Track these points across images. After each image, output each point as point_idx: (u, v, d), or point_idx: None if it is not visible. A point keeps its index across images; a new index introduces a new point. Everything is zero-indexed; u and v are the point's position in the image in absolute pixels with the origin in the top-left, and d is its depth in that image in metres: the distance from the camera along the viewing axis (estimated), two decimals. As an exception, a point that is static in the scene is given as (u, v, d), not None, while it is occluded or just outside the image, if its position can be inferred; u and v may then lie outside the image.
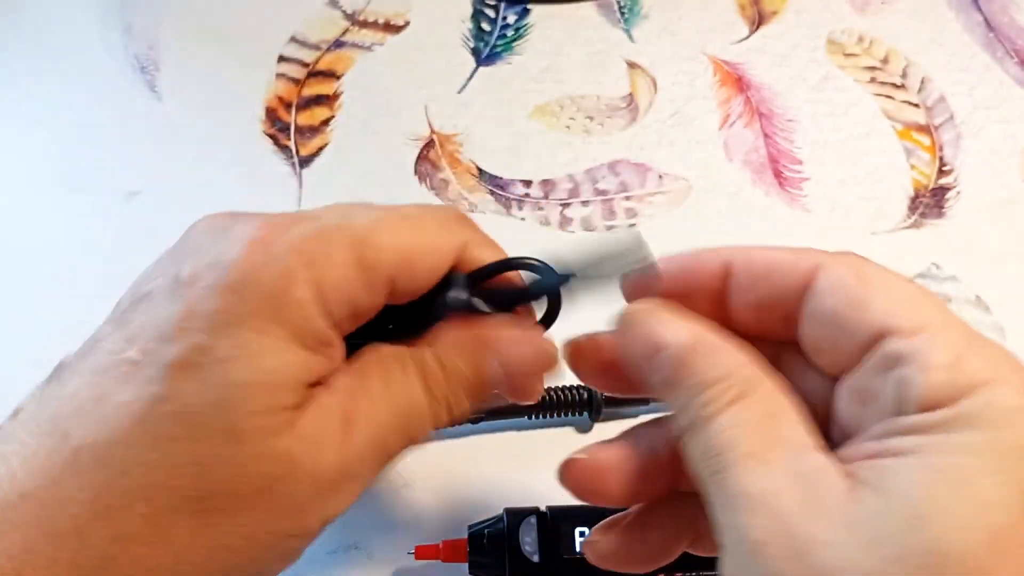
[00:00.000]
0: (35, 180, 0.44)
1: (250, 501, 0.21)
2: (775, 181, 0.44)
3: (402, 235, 0.23)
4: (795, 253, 0.22)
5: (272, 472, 0.21)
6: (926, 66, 0.48)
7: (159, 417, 0.20)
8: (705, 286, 0.23)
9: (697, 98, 0.47)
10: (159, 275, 0.23)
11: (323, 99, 0.47)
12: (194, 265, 0.21)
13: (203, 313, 0.20)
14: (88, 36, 0.49)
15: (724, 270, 0.22)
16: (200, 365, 0.20)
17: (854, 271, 0.21)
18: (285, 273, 0.21)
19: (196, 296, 0.21)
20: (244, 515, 0.21)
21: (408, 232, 0.23)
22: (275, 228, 0.22)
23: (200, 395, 0.20)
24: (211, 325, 0.20)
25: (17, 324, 0.39)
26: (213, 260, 0.21)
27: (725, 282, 0.22)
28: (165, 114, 0.46)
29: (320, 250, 0.21)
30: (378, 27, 0.50)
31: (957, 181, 0.44)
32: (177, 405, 0.20)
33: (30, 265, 0.41)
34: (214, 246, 0.22)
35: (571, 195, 0.43)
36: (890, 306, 0.20)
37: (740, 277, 0.22)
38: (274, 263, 0.21)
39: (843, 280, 0.21)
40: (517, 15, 0.50)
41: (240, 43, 0.49)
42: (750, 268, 0.22)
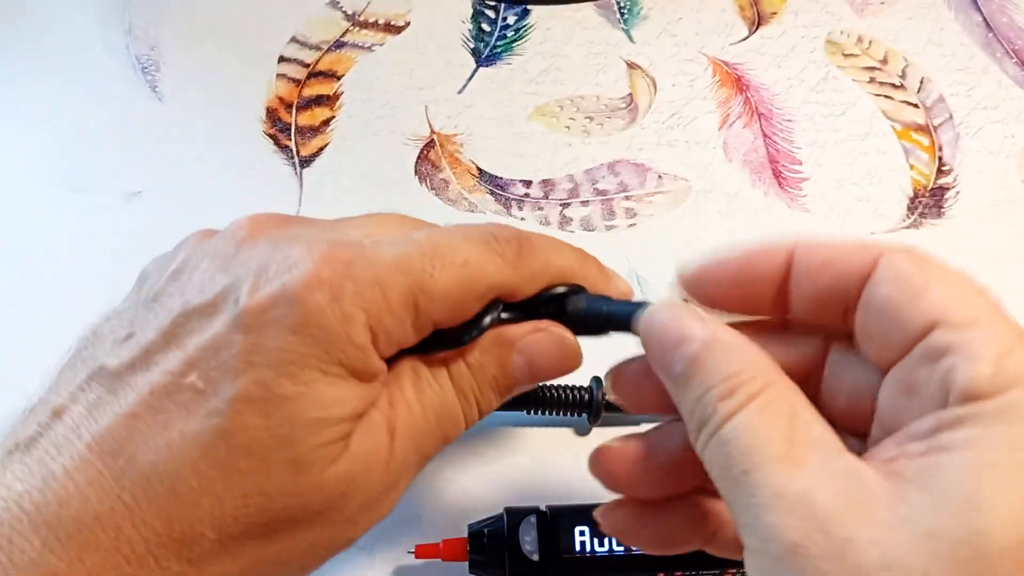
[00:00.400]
0: (35, 180, 0.44)
1: (311, 522, 0.22)
2: (774, 181, 0.44)
3: (457, 284, 0.23)
4: (857, 243, 0.22)
5: (330, 494, 0.22)
6: (925, 66, 0.48)
7: (227, 450, 0.21)
8: (767, 276, 0.23)
9: (696, 99, 0.47)
10: (206, 284, 0.23)
11: (323, 99, 0.47)
12: (254, 289, 0.22)
13: (269, 349, 0.21)
14: (89, 36, 0.49)
15: (787, 259, 0.23)
16: (266, 400, 0.21)
17: (913, 262, 0.21)
18: (347, 318, 0.22)
19: (261, 330, 0.21)
20: (305, 533, 0.22)
21: (464, 281, 0.23)
22: (337, 263, 0.22)
23: (266, 429, 0.21)
24: (276, 362, 0.21)
25: (17, 324, 0.39)
26: (277, 292, 0.21)
27: (787, 271, 0.23)
28: (166, 114, 0.46)
29: (379, 298, 0.22)
30: (378, 28, 0.50)
31: (956, 181, 0.44)
32: (244, 439, 0.21)
33: (30, 265, 0.41)
34: (272, 267, 0.22)
35: (571, 195, 0.43)
36: (943, 298, 0.20)
37: (802, 266, 0.22)
38: (337, 308, 0.21)
39: (901, 270, 0.21)
40: (517, 16, 0.50)
41: (241, 43, 0.49)
42: (812, 257, 0.22)
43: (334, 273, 0.22)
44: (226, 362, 0.21)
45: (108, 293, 0.40)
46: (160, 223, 0.42)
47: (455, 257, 0.23)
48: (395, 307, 0.22)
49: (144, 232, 0.42)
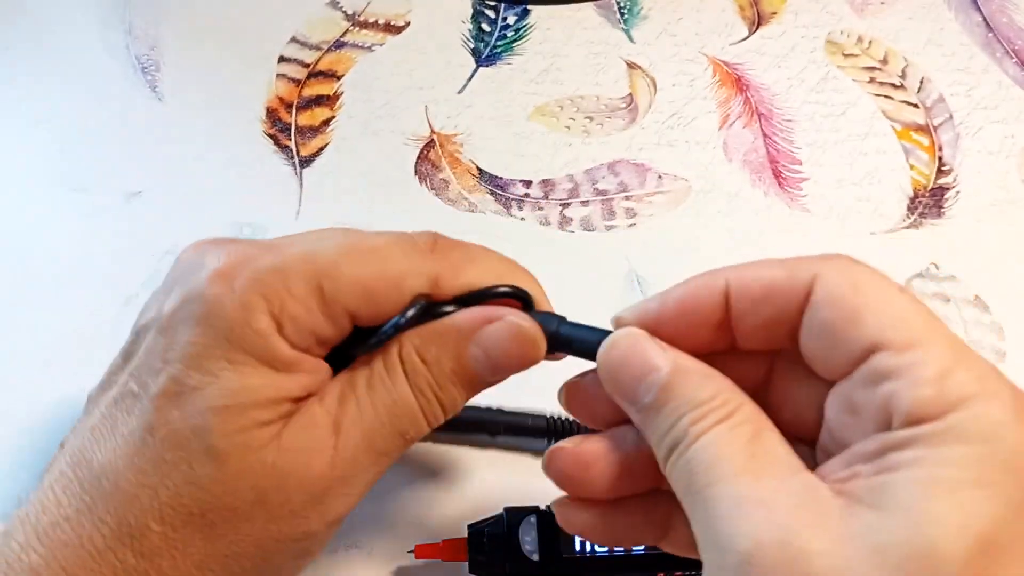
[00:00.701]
0: (35, 180, 0.44)
1: (247, 512, 0.23)
2: (774, 181, 0.44)
3: (363, 268, 0.24)
4: (789, 268, 0.22)
5: (260, 484, 0.23)
6: (925, 66, 0.48)
7: (154, 444, 0.23)
8: (707, 315, 0.23)
9: (696, 98, 0.47)
10: (154, 306, 0.25)
11: (323, 99, 0.47)
12: (173, 298, 0.24)
13: (179, 344, 0.23)
14: (89, 36, 0.49)
15: (723, 296, 0.23)
16: (179, 394, 0.23)
17: (849, 281, 0.21)
18: (244, 305, 0.23)
19: (174, 329, 0.23)
20: (246, 525, 0.23)
21: (370, 266, 0.24)
22: (240, 260, 0.23)
23: (183, 420, 0.22)
24: (185, 356, 0.23)
25: (17, 324, 0.39)
26: (187, 293, 0.23)
27: (725, 307, 0.23)
28: (166, 114, 0.46)
29: (279, 283, 0.23)
30: (378, 28, 0.50)
31: (956, 181, 0.44)
32: (165, 431, 0.23)
33: (30, 265, 0.41)
34: (190, 277, 0.24)
35: (571, 195, 0.43)
36: (881, 320, 0.20)
37: (740, 303, 0.23)
38: (234, 295, 0.23)
39: (838, 292, 0.21)
40: (517, 16, 0.50)
41: (241, 43, 0.49)
42: (748, 291, 0.22)
43: (233, 266, 0.23)
44: (151, 364, 0.23)
45: (108, 293, 0.40)
46: (160, 223, 0.42)
47: (362, 245, 0.24)
48: (298, 293, 0.23)
49: (144, 232, 0.42)
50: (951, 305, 0.39)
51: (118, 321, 0.39)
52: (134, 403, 0.23)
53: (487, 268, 0.25)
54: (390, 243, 0.25)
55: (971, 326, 0.39)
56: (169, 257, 0.40)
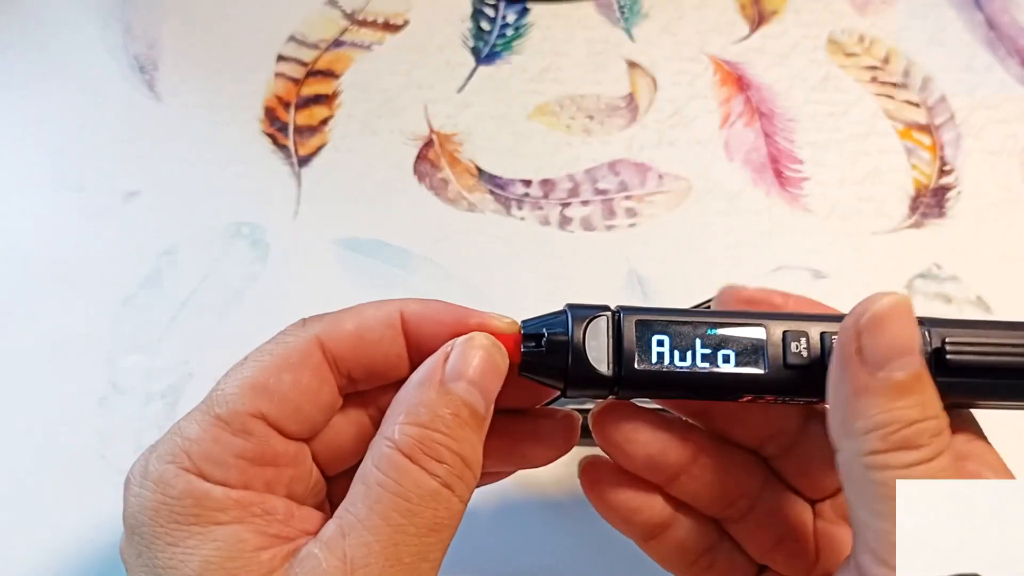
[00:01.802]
0: (35, 180, 0.44)
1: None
2: (775, 181, 0.43)
3: (252, 368, 0.24)
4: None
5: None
6: (927, 66, 0.47)
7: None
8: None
9: (697, 98, 0.46)
10: None
11: (322, 98, 0.47)
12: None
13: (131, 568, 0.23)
14: (87, 36, 0.49)
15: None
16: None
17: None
18: (158, 479, 0.23)
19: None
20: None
21: (257, 363, 0.24)
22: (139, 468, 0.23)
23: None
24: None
25: (17, 324, 0.39)
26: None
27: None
28: (164, 114, 0.46)
29: (174, 437, 0.23)
30: (377, 26, 0.50)
31: (958, 181, 0.43)
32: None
33: (30, 265, 0.41)
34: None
35: (571, 195, 0.43)
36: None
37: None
38: (139, 480, 0.23)
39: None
40: (517, 14, 0.50)
41: (239, 43, 0.49)
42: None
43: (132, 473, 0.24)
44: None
45: (107, 293, 0.40)
46: (158, 223, 0.42)
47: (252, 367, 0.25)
48: (193, 432, 0.23)
49: (142, 232, 0.42)
50: (953, 306, 0.39)
51: (116, 321, 0.39)
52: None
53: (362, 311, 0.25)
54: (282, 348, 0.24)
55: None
56: (167, 257, 0.41)
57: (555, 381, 0.25)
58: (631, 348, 0.24)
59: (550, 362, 0.24)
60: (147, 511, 0.22)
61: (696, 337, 0.24)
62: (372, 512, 0.21)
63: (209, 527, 0.22)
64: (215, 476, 0.22)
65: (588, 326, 0.24)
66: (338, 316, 0.25)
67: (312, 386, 0.24)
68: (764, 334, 0.24)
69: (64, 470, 0.35)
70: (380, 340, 0.25)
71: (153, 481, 0.22)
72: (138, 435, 0.35)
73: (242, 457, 0.23)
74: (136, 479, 0.23)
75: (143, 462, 0.23)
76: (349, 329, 0.24)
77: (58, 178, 0.44)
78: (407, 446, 0.22)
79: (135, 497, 0.22)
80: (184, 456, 0.22)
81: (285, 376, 0.24)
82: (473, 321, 0.25)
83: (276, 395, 0.23)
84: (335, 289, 0.40)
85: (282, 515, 0.23)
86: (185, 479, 0.22)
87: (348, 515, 0.22)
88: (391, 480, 0.22)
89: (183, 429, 0.23)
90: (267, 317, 0.38)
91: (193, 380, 0.37)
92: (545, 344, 0.24)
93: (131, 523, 0.22)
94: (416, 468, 0.22)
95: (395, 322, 0.25)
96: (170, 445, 0.23)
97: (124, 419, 0.36)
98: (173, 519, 0.22)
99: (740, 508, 0.27)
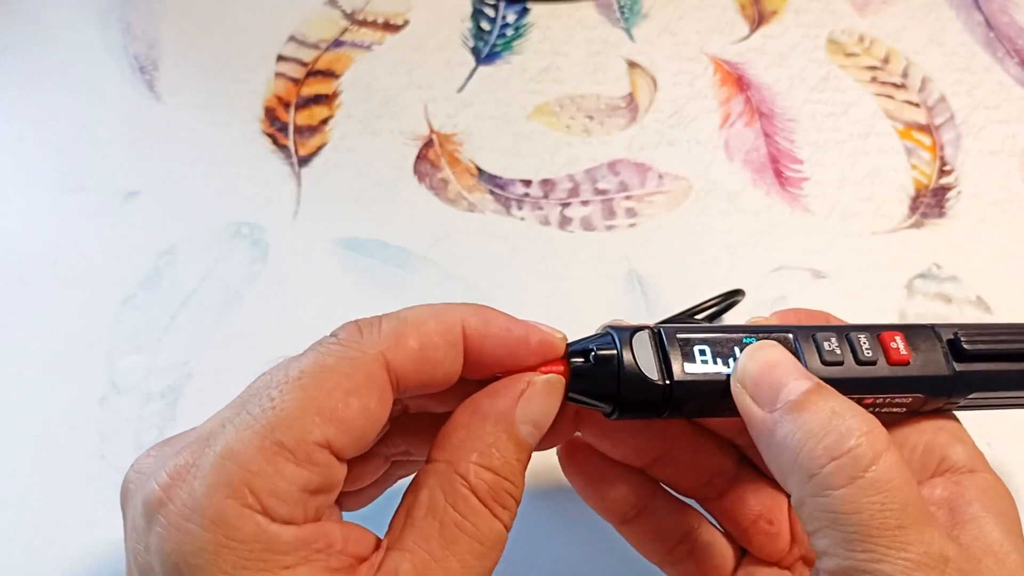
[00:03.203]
0: (34, 180, 0.44)
1: None
2: (775, 181, 0.43)
3: (317, 391, 0.22)
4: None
5: None
6: (926, 66, 0.48)
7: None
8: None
9: (697, 98, 0.46)
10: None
11: (322, 98, 0.47)
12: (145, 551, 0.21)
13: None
14: (87, 36, 0.49)
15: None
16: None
17: None
18: (216, 518, 0.20)
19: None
20: None
21: (322, 387, 0.22)
22: (178, 474, 0.21)
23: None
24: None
25: (17, 324, 0.39)
26: (152, 545, 0.21)
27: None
28: (164, 114, 0.46)
29: (234, 466, 0.20)
30: (377, 26, 0.50)
31: (958, 181, 0.43)
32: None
33: (28, 264, 0.41)
34: (139, 520, 0.21)
35: (571, 195, 0.43)
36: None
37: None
38: (194, 517, 0.20)
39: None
40: (517, 14, 0.50)
41: (239, 43, 0.49)
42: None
43: (170, 486, 0.21)
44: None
45: (107, 293, 0.40)
46: (158, 223, 0.42)
47: (286, 376, 0.22)
48: (258, 464, 0.20)
49: (142, 232, 0.42)
50: (952, 305, 0.39)
51: (116, 321, 0.39)
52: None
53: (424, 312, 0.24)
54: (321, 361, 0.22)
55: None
56: (167, 257, 0.41)
57: (603, 401, 0.25)
58: (677, 356, 0.24)
59: (601, 375, 0.24)
60: (205, 553, 0.20)
61: (735, 345, 0.25)
62: (449, 554, 0.21)
63: (277, 572, 0.20)
64: (280, 514, 0.20)
65: (633, 339, 0.25)
66: (399, 328, 0.23)
67: (377, 412, 0.22)
68: (796, 337, 0.25)
69: (64, 470, 0.35)
70: (443, 360, 0.23)
71: (211, 519, 0.20)
72: (138, 435, 0.35)
73: (306, 490, 0.21)
74: (178, 509, 0.20)
75: (186, 488, 0.20)
76: (414, 348, 0.23)
77: (58, 178, 0.44)
78: (483, 491, 0.22)
79: (181, 533, 0.20)
80: (246, 491, 0.20)
81: (353, 401, 0.21)
82: (534, 340, 0.24)
83: (343, 422, 0.21)
84: (335, 289, 0.40)
85: (340, 545, 0.21)
86: (252, 521, 0.20)
87: (421, 552, 0.21)
88: (469, 523, 0.22)
89: (236, 454, 0.20)
90: (267, 317, 0.38)
91: (193, 380, 0.37)
92: (594, 358, 0.24)
93: (174, 560, 0.20)
94: (488, 513, 0.22)
95: (458, 341, 0.23)
96: (225, 473, 0.20)
97: (124, 419, 0.36)
98: (239, 564, 0.20)
99: (717, 487, 0.28)
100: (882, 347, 0.25)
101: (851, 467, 0.20)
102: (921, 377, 0.25)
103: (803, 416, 0.22)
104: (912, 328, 0.26)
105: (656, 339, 0.25)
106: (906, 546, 0.20)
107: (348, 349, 0.22)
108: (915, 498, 0.21)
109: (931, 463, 0.25)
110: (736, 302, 0.38)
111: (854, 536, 0.20)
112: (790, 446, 0.21)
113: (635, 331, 0.25)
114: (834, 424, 0.21)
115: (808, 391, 0.22)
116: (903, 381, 0.25)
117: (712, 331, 0.25)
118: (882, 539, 0.20)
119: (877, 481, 0.20)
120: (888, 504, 0.20)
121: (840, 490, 0.20)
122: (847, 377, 0.25)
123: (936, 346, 0.26)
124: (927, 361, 0.25)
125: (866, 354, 0.25)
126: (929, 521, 0.21)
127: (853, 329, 0.26)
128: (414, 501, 0.22)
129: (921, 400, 0.25)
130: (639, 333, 0.25)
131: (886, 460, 0.21)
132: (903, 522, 0.20)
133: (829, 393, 0.22)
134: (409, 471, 0.29)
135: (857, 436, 0.21)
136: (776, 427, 0.22)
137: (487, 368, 0.24)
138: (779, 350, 0.24)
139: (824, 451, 0.21)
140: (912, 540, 0.20)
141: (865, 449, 0.21)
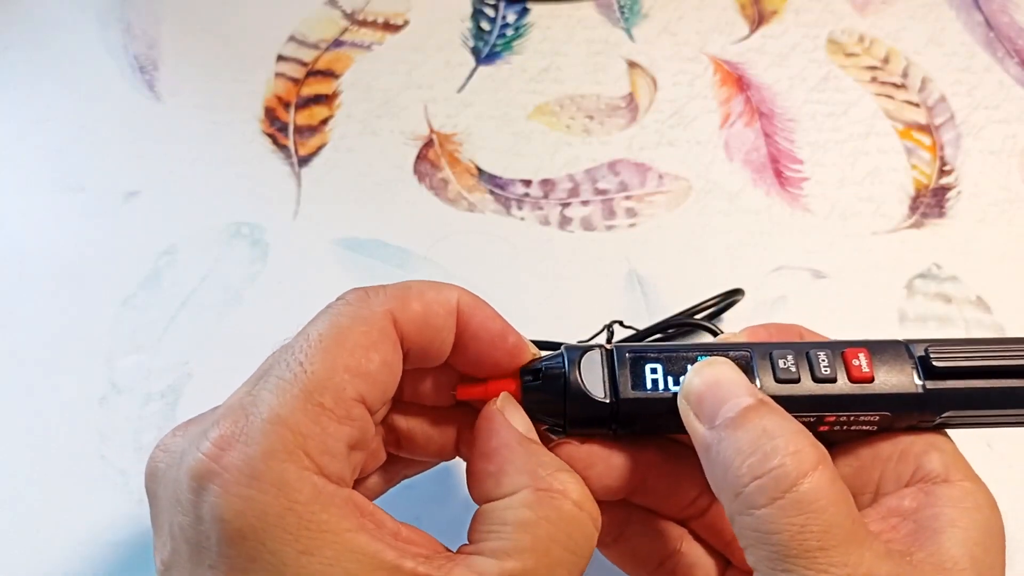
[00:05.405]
0: (35, 180, 0.44)
1: None
2: (775, 181, 0.43)
3: (341, 350, 0.23)
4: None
5: None
6: (926, 66, 0.48)
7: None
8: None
9: (697, 98, 0.47)
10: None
11: (322, 98, 0.47)
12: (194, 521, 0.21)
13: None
14: (87, 36, 0.49)
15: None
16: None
17: None
18: (279, 480, 0.20)
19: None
20: None
21: (344, 347, 0.23)
22: (225, 441, 0.21)
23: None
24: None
25: (15, 323, 0.39)
26: (204, 513, 0.20)
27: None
28: (164, 114, 0.46)
29: (283, 430, 0.21)
30: (377, 26, 0.50)
31: (958, 181, 0.43)
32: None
33: (28, 264, 0.41)
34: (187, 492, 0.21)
35: (571, 195, 0.43)
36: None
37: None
38: (254, 482, 0.20)
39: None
40: (517, 14, 0.50)
41: (239, 43, 0.49)
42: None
43: (224, 447, 0.21)
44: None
45: (107, 293, 0.40)
46: (158, 223, 0.42)
47: (321, 333, 0.23)
48: (306, 425, 0.21)
49: (142, 232, 0.42)
50: (953, 305, 0.39)
51: (116, 321, 0.39)
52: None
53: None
54: (344, 317, 0.23)
55: (972, 326, 0.38)
56: (167, 257, 0.41)
57: (555, 418, 0.26)
58: (626, 375, 0.25)
59: (547, 393, 0.25)
60: (268, 516, 0.20)
61: (688, 363, 0.25)
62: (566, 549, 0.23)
63: (340, 535, 0.20)
64: (333, 471, 0.21)
65: (582, 359, 0.25)
66: (403, 292, 0.24)
67: (394, 364, 0.23)
68: (752, 355, 0.25)
69: (64, 470, 0.35)
70: (441, 328, 0.24)
71: (271, 483, 0.20)
72: (138, 435, 0.35)
73: (350, 446, 0.22)
74: (234, 476, 0.20)
75: (238, 455, 0.20)
76: (417, 310, 0.24)
77: (58, 178, 0.44)
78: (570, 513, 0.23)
79: (241, 499, 0.20)
80: (300, 454, 0.20)
81: (374, 355, 0.22)
82: (511, 341, 0.25)
83: (369, 376, 0.22)
84: (335, 289, 0.39)
85: (391, 528, 0.22)
86: (310, 482, 0.20)
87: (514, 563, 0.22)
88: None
89: (284, 419, 0.21)
90: (267, 317, 0.38)
91: (193, 380, 0.37)
92: (542, 377, 0.25)
93: (237, 526, 0.20)
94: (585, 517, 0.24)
95: (454, 311, 0.24)
96: (277, 438, 0.20)
97: (124, 419, 0.36)
98: (303, 526, 0.20)
99: (700, 506, 0.27)
100: (844, 364, 0.25)
101: (772, 487, 0.20)
102: (886, 395, 0.25)
103: (736, 433, 0.22)
104: (882, 344, 0.25)
105: (607, 358, 0.26)
106: (828, 568, 0.20)
107: (359, 308, 0.23)
108: (844, 519, 0.20)
109: (904, 473, 0.24)
110: (735, 302, 0.38)
111: (775, 556, 0.20)
112: (721, 463, 0.22)
113: (586, 350, 0.26)
114: (761, 443, 0.21)
115: (747, 408, 0.22)
116: (865, 399, 0.25)
117: (667, 350, 0.25)
118: (802, 560, 0.20)
119: (800, 502, 0.20)
120: (810, 525, 0.20)
121: (762, 509, 0.20)
122: (802, 395, 0.24)
123: (905, 363, 0.25)
124: (893, 378, 0.25)
125: (823, 371, 0.25)
126: (860, 541, 0.20)
127: (815, 347, 0.25)
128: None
129: (889, 418, 0.25)
130: (590, 352, 0.26)
131: (811, 480, 0.20)
132: (825, 543, 0.20)
133: (768, 411, 0.22)
134: (408, 471, 0.29)
135: (782, 456, 0.21)
136: (713, 443, 0.22)
137: (470, 353, 0.25)
138: (727, 367, 0.24)
139: (748, 469, 0.21)
140: (835, 562, 0.20)
141: (789, 469, 0.20)
